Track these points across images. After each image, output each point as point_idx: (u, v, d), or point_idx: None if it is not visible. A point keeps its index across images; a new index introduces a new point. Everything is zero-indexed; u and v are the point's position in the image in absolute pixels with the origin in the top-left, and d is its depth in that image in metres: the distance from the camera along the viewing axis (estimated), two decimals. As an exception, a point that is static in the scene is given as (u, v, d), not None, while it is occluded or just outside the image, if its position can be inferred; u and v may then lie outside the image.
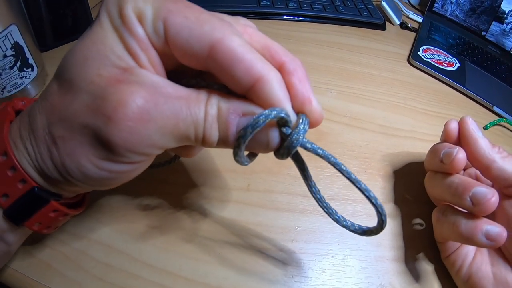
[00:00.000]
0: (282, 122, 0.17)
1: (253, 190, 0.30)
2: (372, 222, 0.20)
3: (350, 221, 0.21)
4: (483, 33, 0.55)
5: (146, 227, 0.27)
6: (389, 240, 0.28)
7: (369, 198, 0.18)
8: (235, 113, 0.17)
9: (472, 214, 0.24)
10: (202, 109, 0.17)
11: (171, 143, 0.17)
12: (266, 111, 0.16)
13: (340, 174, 0.19)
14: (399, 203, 0.31)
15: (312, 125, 0.18)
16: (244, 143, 0.17)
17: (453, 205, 0.26)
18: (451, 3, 0.57)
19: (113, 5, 0.16)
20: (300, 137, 0.17)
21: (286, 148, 0.18)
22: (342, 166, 0.18)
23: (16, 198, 0.18)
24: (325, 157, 0.18)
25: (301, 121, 0.17)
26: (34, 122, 0.17)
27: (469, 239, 0.23)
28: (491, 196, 0.23)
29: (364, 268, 0.26)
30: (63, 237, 0.25)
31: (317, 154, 0.18)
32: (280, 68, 0.18)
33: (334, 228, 0.28)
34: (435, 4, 0.60)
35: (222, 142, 0.18)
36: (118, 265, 0.24)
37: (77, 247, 0.25)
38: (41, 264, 0.24)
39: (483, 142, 0.26)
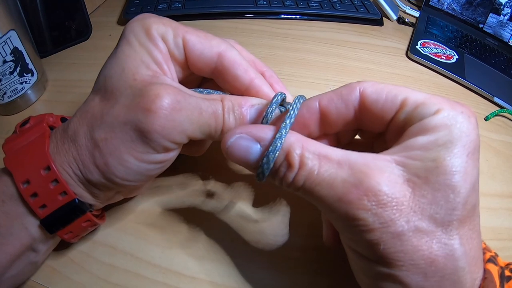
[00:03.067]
0: (281, 103, 0.22)
1: (257, 188, 0.30)
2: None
3: None
4: (481, 25, 0.55)
5: (149, 227, 0.27)
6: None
7: None
8: (246, 105, 0.21)
9: None
10: (219, 104, 0.21)
11: (196, 132, 0.20)
12: (277, 95, 0.21)
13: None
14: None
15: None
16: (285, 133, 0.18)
17: None
18: None
19: (138, 28, 0.21)
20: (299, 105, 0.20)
21: (292, 107, 0.19)
22: None
23: (54, 209, 0.20)
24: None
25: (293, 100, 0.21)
26: (75, 134, 0.20)
27: None
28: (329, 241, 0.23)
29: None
30: (67, 240, 0.25)
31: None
32: (262, 73, 0.25)
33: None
34: (432, -2, 0.60)
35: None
36: (122, 266, 0.24)
37: (81, 249, 0.25)
38: (46, 268, 0.24)
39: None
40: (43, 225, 0.20)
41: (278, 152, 0.17)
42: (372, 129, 0.20)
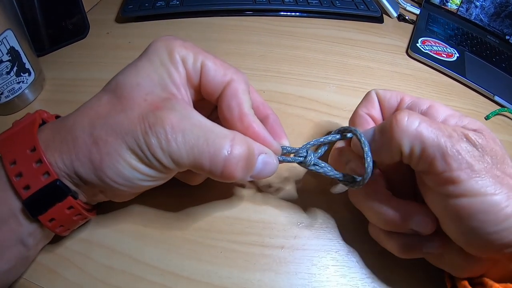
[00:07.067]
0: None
1: (254, 188, 0.30)
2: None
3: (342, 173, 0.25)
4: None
5: (147, 228, 0.27)
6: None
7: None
8: (259, 153, 0.22)
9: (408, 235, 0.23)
10: (224, 146, 0.21)
11: (185, 164, 0.21)
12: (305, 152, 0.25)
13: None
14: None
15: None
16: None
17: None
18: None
19: (162, 49, 0.22)
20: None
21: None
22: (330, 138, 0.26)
23: (37, 189, 0.20)
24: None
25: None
26: (74, 125, 0.21)
27: (407, 257, 0.24)
28: (432, 225, 0.22)
29: (369, 263, 0.26)
30: (65, 242, 0.25)
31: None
32: (266, 117, 0.26)
33: (337, 223, 0.28)
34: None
35: (243, 178, 0.22)
36: (120, 267, 0.24)
37: (79, 251, 0.25)
38: (44, 269, 0.24)
39: (375, 147, 0.23)
40: (25, 206, 0.20)
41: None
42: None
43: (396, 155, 0.22)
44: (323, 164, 0.25)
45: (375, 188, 0.24)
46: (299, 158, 0.25)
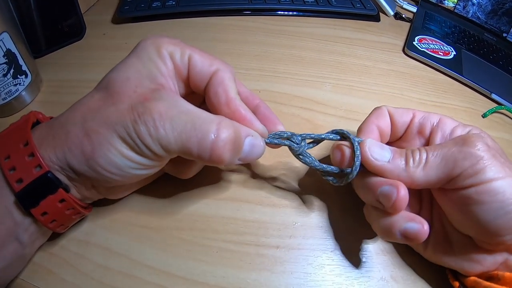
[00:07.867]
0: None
1: (249, 187, 0.30)
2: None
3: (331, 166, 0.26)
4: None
5: (143, 228, 0.27)
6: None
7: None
8: (246, 135, 0.23)
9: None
10: (211, 130, 0.21)
11: (174, 150, 0.21)
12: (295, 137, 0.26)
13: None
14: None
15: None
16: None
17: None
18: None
19: (151, 47, 0.23)
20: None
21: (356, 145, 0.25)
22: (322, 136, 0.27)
23: (29, 182, 0.21)
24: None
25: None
26: (67, 120, 0.22)
27: (388, 238, 0.24)
28: (396, 195, 0.22)
29: (364, 262, 0.26)
30: (61, 242, 0.26)
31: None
32: (257, 105, 0.27)
33: (332, 222, 0.28)
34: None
35: (231, 161, 0.23)
36: (116, 267, 0.24)
37: (76, 251, 0.25)
38: (40, 270, 0.24)
39: (389, 168, 0.23)
40: (18, 199, 0.21)
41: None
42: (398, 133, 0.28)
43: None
44: (309, 154, 0.26)
45: None
46: (288, 141, 0.25)
